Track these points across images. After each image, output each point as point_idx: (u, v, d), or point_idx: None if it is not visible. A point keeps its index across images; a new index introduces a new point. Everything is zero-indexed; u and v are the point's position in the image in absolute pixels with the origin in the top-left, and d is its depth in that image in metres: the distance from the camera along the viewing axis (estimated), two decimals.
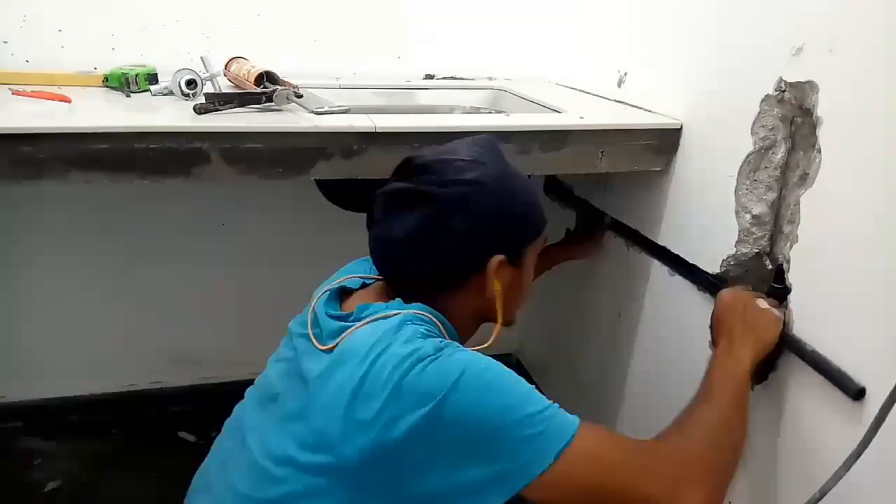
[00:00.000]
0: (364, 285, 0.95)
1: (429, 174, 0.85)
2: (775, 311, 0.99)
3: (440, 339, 0.80)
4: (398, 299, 0.86)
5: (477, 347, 0.82)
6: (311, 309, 0.89)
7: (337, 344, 0.80)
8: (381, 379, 0.74)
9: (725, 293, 1.04)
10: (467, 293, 0.88)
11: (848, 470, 0.81)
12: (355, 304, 0.87)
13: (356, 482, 0.75)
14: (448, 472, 0.73)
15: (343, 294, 0.94)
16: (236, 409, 0.94)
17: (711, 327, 1.04)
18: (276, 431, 0.80)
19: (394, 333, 0.78)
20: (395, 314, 0.81)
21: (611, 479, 0.75)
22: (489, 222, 0.85)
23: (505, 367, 0.78)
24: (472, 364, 0.75)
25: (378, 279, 0.93)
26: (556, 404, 0.76)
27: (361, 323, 0.81)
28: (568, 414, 0.76)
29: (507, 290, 0.88)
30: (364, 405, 0.73)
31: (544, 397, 0.76)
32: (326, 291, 0.91)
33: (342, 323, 0.83)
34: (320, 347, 0.83)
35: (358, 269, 0.99)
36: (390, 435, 0.72)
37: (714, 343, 1.02)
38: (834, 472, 0.82)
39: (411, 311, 0.83)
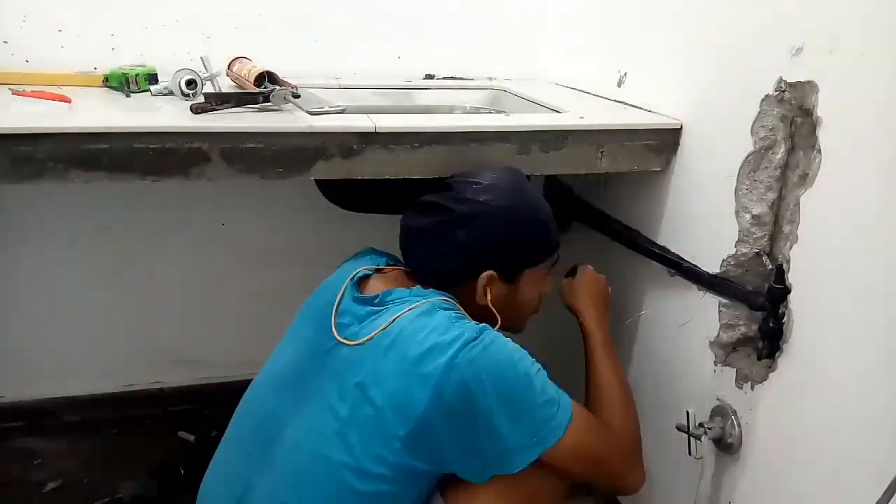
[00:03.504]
0: (378, 271, 1.05)
1: (452, 191, 1.00)
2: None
3: (470, 321, 0.92)
4: (417, 286, 0.98)
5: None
6: (339, 295, 0.99)
7: (373, 336, 0.90)
8: (433, 363, 0.85)
9: (590, 270, 1.22)
10: (466, 293, 1.00)
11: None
12: (376, 289, 0.99)
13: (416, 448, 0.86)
14: (472, 440, 0.86)
15: (361, 281, 1.04)
16: (250, 398, 1.01)
17: (567, 298, 1.21)
18: (356, 433, 0.88)
19: (430, 317, 0.90)
20: (426, 301, 0.93)
21: (594, 456, 0.95)
22: (487, 240, 0.98)
23: (527, 355, 0.91)
24: (505, 349, 0.89)
25: (393, 268, 1.06)
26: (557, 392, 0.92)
27: (399, 314, 0.91)
28: (565, 402, 0.92)
29: (503, 301, 1.01)
30: (419, 387, 0.85)
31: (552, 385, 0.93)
32: (350, 278, 1.01)
33: (369, 307, 0.95)
34: (350, 343, 0.92)
35: (366, 260, 1.07)
36: (440, 402, 0.84)
37: (577, 309, 1.18)
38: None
39: (437, 297, 0.95)
